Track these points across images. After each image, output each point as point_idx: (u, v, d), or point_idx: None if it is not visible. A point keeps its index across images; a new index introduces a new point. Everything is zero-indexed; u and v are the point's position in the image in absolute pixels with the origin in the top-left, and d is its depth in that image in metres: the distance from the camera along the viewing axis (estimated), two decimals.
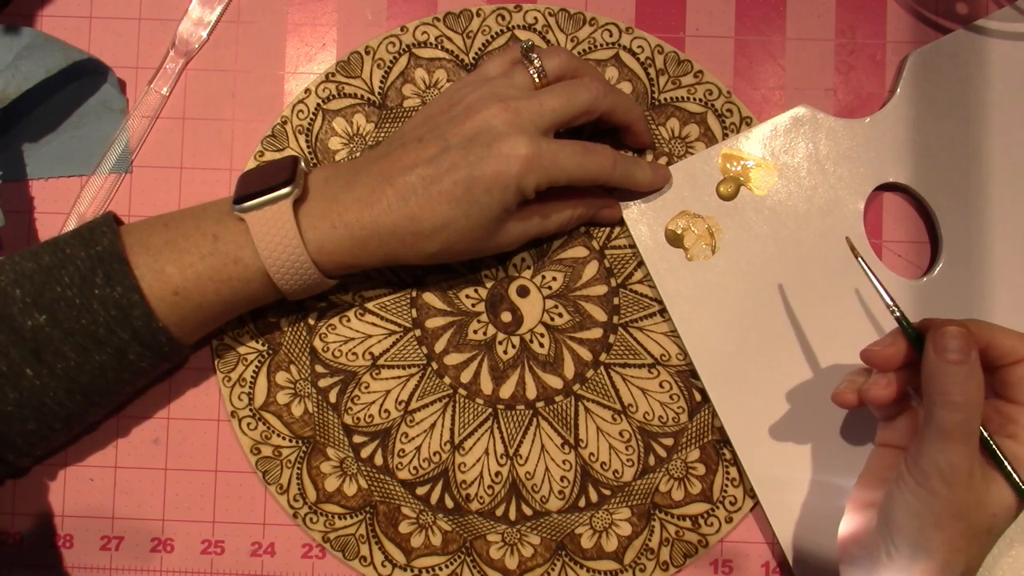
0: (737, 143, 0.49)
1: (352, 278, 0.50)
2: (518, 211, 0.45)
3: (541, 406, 0.50)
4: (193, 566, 0.50)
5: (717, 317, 0.49)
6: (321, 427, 0.49)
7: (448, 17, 0.51)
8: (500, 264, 0.50)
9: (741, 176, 0.49)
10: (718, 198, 0.49)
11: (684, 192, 0.49)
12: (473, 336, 0.50)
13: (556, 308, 0.50)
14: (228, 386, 0.49)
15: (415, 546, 0.49)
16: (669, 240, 0.49)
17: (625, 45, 0.51)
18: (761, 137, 0.50)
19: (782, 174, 0.49)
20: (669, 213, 0.49)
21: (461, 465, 0.49)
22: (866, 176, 0.50)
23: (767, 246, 0.49)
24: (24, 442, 0.44)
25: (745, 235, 0.49)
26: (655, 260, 0.49)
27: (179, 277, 0.43)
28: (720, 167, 0.49)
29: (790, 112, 0.50)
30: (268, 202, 0.43)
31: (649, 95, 0.50)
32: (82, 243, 0.43)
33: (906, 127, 0.50)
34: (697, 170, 0.50)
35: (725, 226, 0.49)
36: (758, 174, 0.49)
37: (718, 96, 0.50)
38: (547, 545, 0.49)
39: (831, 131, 0.50)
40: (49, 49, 0.49)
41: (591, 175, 0.45)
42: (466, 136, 0.43)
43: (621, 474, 0.49)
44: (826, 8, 0.52)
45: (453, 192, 0.42)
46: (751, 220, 0.49)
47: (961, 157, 0.49)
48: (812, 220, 0.49)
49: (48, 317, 0.41)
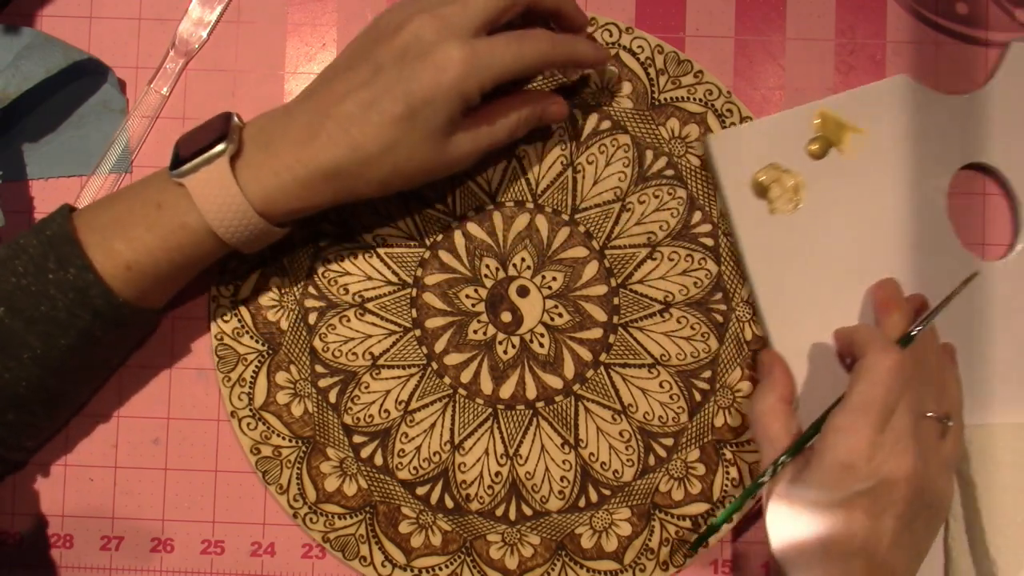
0: (834, 104, 0.50)
1: (352, 277, 0.50)
2: (464, 122, 0.43)
3: (541, 406, 0.50)
4: (193, 566, 0.50)
5: (792, 272, 0.49)
6: (321, 427, 0.49)
7: None
8: (500, 264, 0.50)
9: (833, 137, 0.49)
10: (808, 156, 0.49)
11: (775, 145, 0.49)
12: (473, 336, 0.50)
13: (556, 308, 0.50)
14: (228, 386, 0.49)
15: (415, 546, 0.49)
16: (755, 190, 0.49)
17: (625, 45, 0.51)
18: (858, 101, 0.50)
19: (874, 140, 0.50)
20: (759, 164, 0.49)
21: (461, 465, 0.49)
22: (956, 153, 0.50)
23: (850, 209, 0.49)
24: (9, 434, 0.44)
25: (829, 196, 0.49)
26: (739, 206, 0.49)
27: (129, 251, 0.42)
28: (814, 126, 0.49)
29: (890, 80, 0.50)
30: (204, 162, 0.42)
31: (649, 95, 0.50)
32: (34, 232, 0.43)
33: (1002, 110, 0.50)
34: (791, 125, 0.50)
35: (811, 184, 0.49)
36: (850, 137, 0.49)
37: (718, 96, 0.50)
38: (547, 545, 0.49)
39: (928, 104, 0.50)
40: (49, 49, 0.49)
41: (531, 61, 0.43)
42: (396, 53, 0.42)
43: (621, 474, 0.49)
44: (826, 8, 0.52)
45: (393, 111, 0.41)
46: (837, 182, 0.49)
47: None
48: (897, 190, 0.49)
49: (6, 309, 0.41)
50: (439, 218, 0.50)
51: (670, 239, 0.50)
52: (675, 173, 0.50)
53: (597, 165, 0.50)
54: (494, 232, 0.50)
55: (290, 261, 0.50)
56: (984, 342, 0.49)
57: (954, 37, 0.51)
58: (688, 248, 0.50)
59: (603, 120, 0.50)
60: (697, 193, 0.50)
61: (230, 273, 0.50)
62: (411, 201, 0.50)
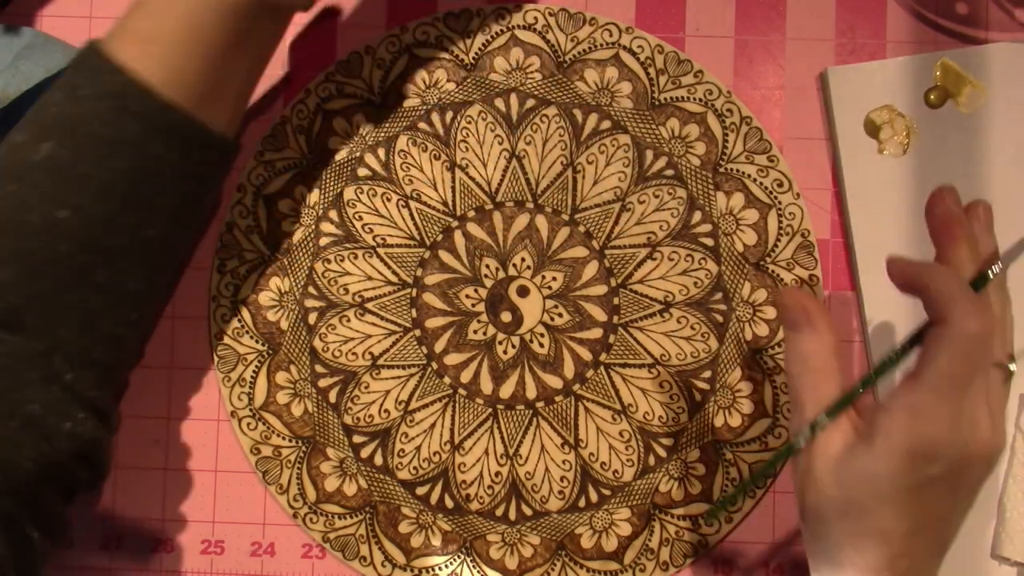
0: (960, 57, 0.50)
1: (352, 277, 0.50)
2: None
3: (541, 406, 0.50)
4: (193, 566, 0.50)
5: (891, 215, 0.49)
6: (321, 427, 0.49)
7: (448, 17, 0.51)
8: (500, 264, 0.50)
9: (952, 88, 0.50)
10: (924, 104, 0.50)
11: (893, 88, 0.50)
12: (473, 336, 0.50)
13: (556, 308, 0.50)
14: (228, 386, 0.49)
15: (415, 546, 0.49)
16: (866, 128, 0.50)
17: (625, 45, 0.51)
18: (985, 58, 0.50)
19: (993, 99, 0.50)
20: (875, 102, 0.50)
21: (461, 465, 0.49)
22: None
23: (958, 163, 0.50)
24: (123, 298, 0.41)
25: (940, 146, 0.50)
26: (848, 142, 0.50)
27: (148, 21, 0.40)
28: (936, 75, 0.50)
29: (1018, 42, 0.50)
30: None
31: (649, 95, 0.50)
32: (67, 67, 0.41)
33: None
34: (912, 71, 0.50)
35: (923, 132, 0.50)
36: (969, 92, 0.50)
37: (718, 96, 0.50)
38: (547, 545, 0.49)
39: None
40: (49, 49, 0.49)
41: None
42: None
43: (621, 474, 0.49)
44: (826, 8, 0.52)
45: None
46: (949, 134, 0.50)
47: None
48: (1008, 151, 0.50)
49: (55, 142, 0.39)
50: (439, 218, 0.50)
51: (670, 239, 0.50)
52: (675, 173, 0.50)
53: (597, 165, 0.50)
54: (494, 232, 0.50)
55: (290, 261, 0.50)
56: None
57: (954, 37, 0.51)
58: (688, 248, 0.50)
59: (603, 120, 0.50)
60: (697, 193, 0.50)
61: (230, 273, 0.50)
62: (411, 201, 0.50)
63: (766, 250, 0.50)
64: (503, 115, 0.51)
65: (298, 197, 0.50)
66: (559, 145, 0.50)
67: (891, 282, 0.37)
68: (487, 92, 0.51)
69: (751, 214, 0.50)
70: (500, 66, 0.51)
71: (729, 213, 0.50)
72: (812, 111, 0.51)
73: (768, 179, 0.50)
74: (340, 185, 0.51)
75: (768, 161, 0.50)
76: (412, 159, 0.51)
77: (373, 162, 0.51)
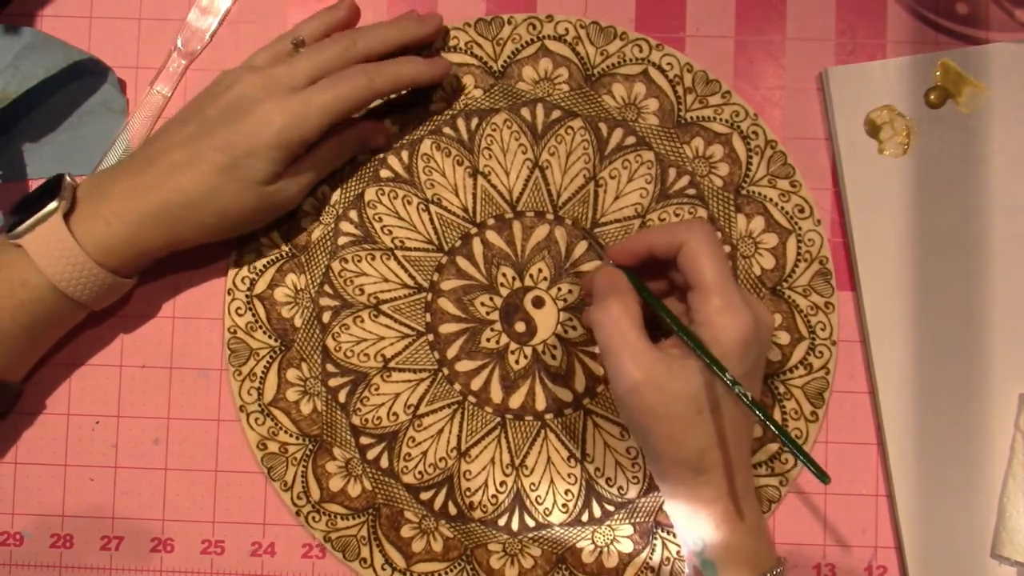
0: (960, 57, 0.50)
1: (368, 278, 0.50)
2: (289, 169, 0.46)
3: (550, 418, 0.49)
4: (193, 566, 0.49)
5: (892, 215, 0.50)
6: (329, 426, 0.49)
7: (479, 24, 0.51)
8: (517, 273, 0.50)
9: (952, 88, 0.50)
10: (924, 104, 0.50)
11: (894, 88, 0.50)
12: (486, 344, 0.50)
13: (570, 321, 0.50)
14: (238, 380, 0.49)
15: (416, 551, 0.49)
16: (867, 128, 0.50)
17: (654, 62, 0.51)
18: (986, 58, 0.50)
19: (993, 100, 0.50)
20: (875, 103, 0.50)
21: (466, 472, 0.49)
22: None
23: (957, 163, 0.50)
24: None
25: (940, 146, 0.50)
26: (848, 142, 0.50)
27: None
28: (936, 75, 0.50)
29: (1020, 42, 0.50)
30: (38, 222, 0.43)
31: (676, 113, 0.50)
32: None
33: None
34: (913, 71, 0.50)
35: (923, 132, 0.50)
36: (970, 92, 0.50)
37: (744, 118, 0.50)
38: (547, 557, 0.49)
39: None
40: (49, 49, 0.49)
41: (352, 100, 0.45)
42: (224, 108, 0.44)
43: (626, 491, 0.49)
44: (826, 8, 0.52)
45: (216, 161, 0.44)
46: (949, 134, 0.50)
47: None
48: (1008, 151, 0.50)
49: None
50: (458, 224, 0.50)
51: None
52: (697, 192, 0.50)
53: (620, 180, 0.50)
54: (513, 241, 0.50)
55: (307, 259, 0.50)
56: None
57: (954, 37, 0.51)
58: None
59: (628, 135, 0.50)
60: (718, 214, 0.50)
61: (247, 268, 0.49)
62: (431, 205, 0.50)
63: (783, 275, 0.50)
64: (528, 124, 0.50)
65: (319, 195, 0.50)
66: (583, 158, 0.50)
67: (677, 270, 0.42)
68: (514, 100, 0.51)
69: (770, 238, 0.50)
70: (528, 75, 0.51)
71: (748, 236, 0.50)
72: (812, 111, 0.51)
73: (790, 204, 0.50)
74: (362, 185, 0.50)
75: (791, 186, 0.50)
76: (435, 163, 0.50)
77: (396, 164, 0.50)
